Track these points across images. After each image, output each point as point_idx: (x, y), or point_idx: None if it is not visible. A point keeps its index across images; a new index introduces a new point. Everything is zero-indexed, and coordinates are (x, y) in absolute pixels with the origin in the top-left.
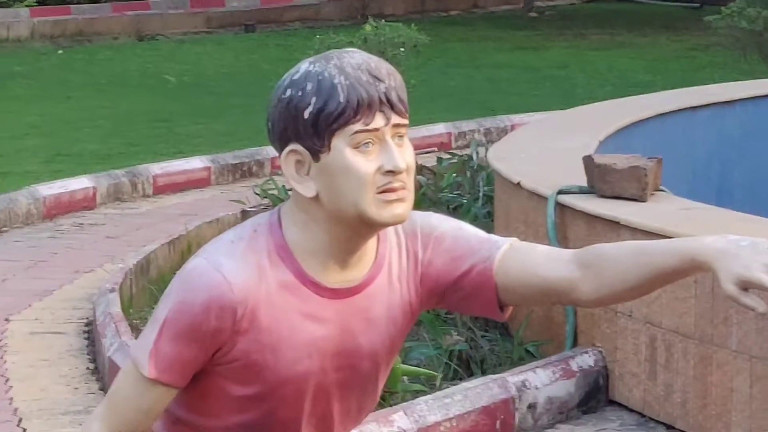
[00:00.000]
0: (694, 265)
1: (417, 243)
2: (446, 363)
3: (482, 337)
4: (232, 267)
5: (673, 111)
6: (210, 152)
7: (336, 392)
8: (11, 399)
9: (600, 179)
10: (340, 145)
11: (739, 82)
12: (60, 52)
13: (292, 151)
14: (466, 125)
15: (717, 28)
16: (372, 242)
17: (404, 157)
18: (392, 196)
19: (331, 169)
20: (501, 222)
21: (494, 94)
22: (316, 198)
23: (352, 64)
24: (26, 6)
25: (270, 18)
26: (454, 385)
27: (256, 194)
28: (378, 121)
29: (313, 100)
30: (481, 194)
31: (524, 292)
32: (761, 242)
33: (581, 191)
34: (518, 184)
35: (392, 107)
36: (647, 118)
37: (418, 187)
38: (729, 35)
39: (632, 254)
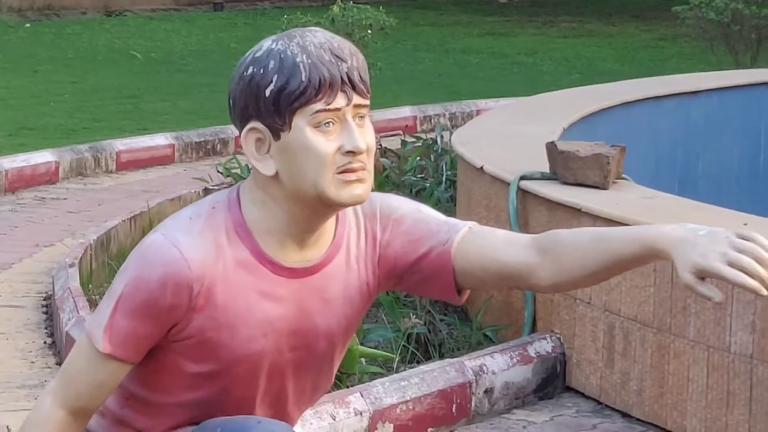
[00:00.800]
0: (652, 253)
1: (376, 224)
2: (404, 346)
3: (441, 320)
4: (190, 243)
5: (639, 100)
6: (175, 130)
7: (291, 372)
8: None
9: (563, 166)
10: (301, 124)
11: (705, 72)
12: (27, 25)
13: (252, 128)
14: (432, 109)
15: (685, 19)
16: (331, 222)
17: (365, 137)
18: (351, 176)
19: (292, 148)
20: (463, 206)
21: (462, 78)
22: (276, 177)
23: (315, 43)
24: None
25: None
26: (412, 368)
27: (219, 173)
28: (339, 100)
29: (275, 78)
30: (444, 178)
31: (482, 276)
32: (719, 231)
33: (543, 177)
34: (481, 168)
35: (354, 87)
36: (612, 106)
37: (382, 169)
38: (696, 26)
39: (591, 240)
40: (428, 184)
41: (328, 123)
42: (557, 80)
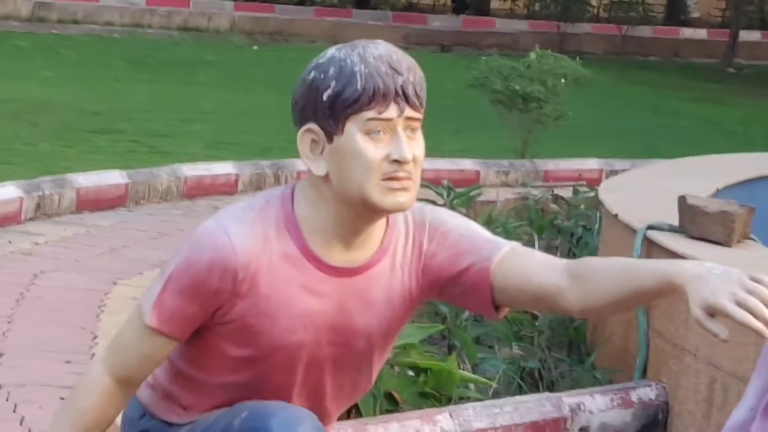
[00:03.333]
0: (669, 287)
1: (424, 235)
2: (516, 380)
3: (558, 359)
4: (239, 232)
5: None
6: None
7: (329, 367)
8: (92, 355)
9: (689, 220)
10: (353, 129)
11: None
12: (255, 47)
13: (308, 129)
14: (620, 164)
15: None
16: (379, 227)
17: (413, 149)
18: (396, 184)
19: (342, 151)
20: (602, 252)
21: (665, 140)
22: (327, 177)
23: (374, 55)
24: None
25: (467, 41)
26: None
27: None
28: (391, 111)
29: (333, 83)
30: (599, 227)
31: (517, 294)
32: (733, 272)
33: (671, 229)
34: (616, 215)
35: (407, 100)
36: None
37: (548, 215)
38: None
39: (619, 271)
40: (583, 232)
41: (378, 131)
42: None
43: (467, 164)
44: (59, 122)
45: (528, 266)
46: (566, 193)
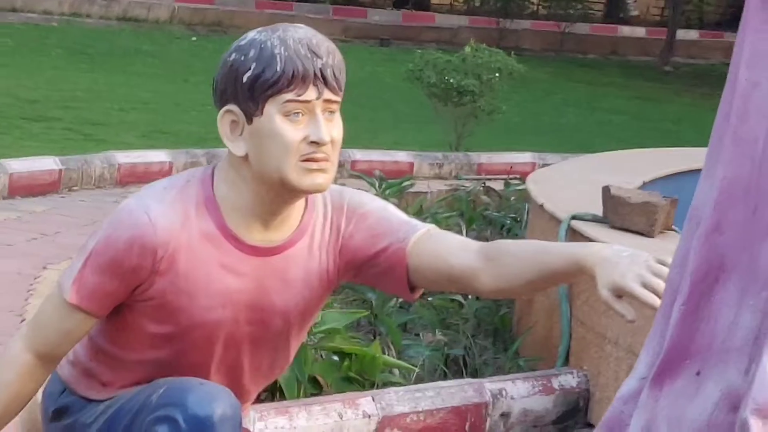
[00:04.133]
0: (578, 269)
1: (342, 216)
2: (440, 367)
3: (484, 347)
4: (159, 211)
5: None
6: None
7: (247, 345)
8: None
9: (612, 210)
10: (272, 111)
11: None
12: (194, 39)
13: (228, 110)
14: (552, 158)
15: None
16: (298, 208)
17: (330, 131)
18: (314, 165)
19: (261, 133)
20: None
21: (600, 137)
22: (246, 158)
23: (294, 38)
24: None
25: (407, 35)
26: None
27: None
28: (310, 93)
29: (253, 65)
30: (527, 218)
31: (432, 276)
32: (641, 254)
33: (594, 219)
34: (541, 205)
35: (326, 83)
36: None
37: (478, 206)
38: None
39: (532, 252)
40: (512, 223)
41: (297, 113)
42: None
43: (401, 156)
44: None
45: (443, 248)
46: (499, 185)
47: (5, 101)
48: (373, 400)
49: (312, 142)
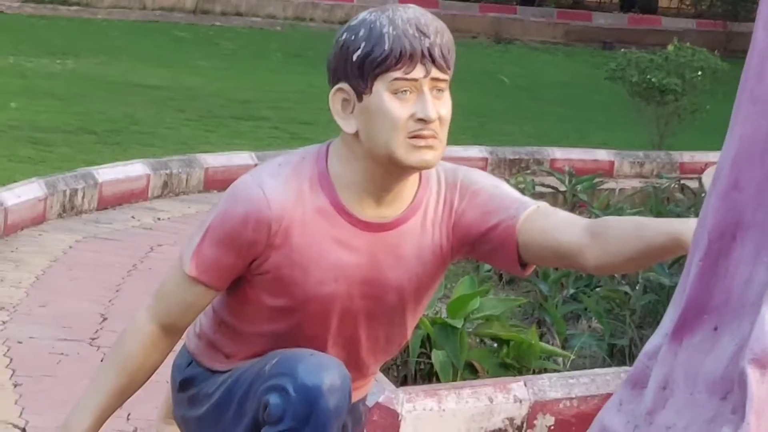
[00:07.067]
0: (677, 244)
1: (455, 193)
2: (602, 356)
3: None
4: (274, 186)
5: None
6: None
7: (362, 319)
8: None
9: None
10: (381, 89)
11: None
12: None
13: (339, 89)
14: None
15: None
16: (411, 185)
17: (438, 108)
18: (421, 142)
19: (370, 110)
20: None
21: None
22: (357, 135)
23: (403, 18)
24: None
25: (632, 39)
26: None
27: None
28: (417, 71)
29: (363, 44)
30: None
31: (540, 252)
32: None
33: None
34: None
35: (433, 61)
36: None
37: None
38: None
39: (633, 228)
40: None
41: (405, 91)
42: None
43: (601, 154)
44: (205, 109)
45: (551, 224)
46: (691, 184)
47: (218, 102)
48: (525, 385)
49: (419, 120)
